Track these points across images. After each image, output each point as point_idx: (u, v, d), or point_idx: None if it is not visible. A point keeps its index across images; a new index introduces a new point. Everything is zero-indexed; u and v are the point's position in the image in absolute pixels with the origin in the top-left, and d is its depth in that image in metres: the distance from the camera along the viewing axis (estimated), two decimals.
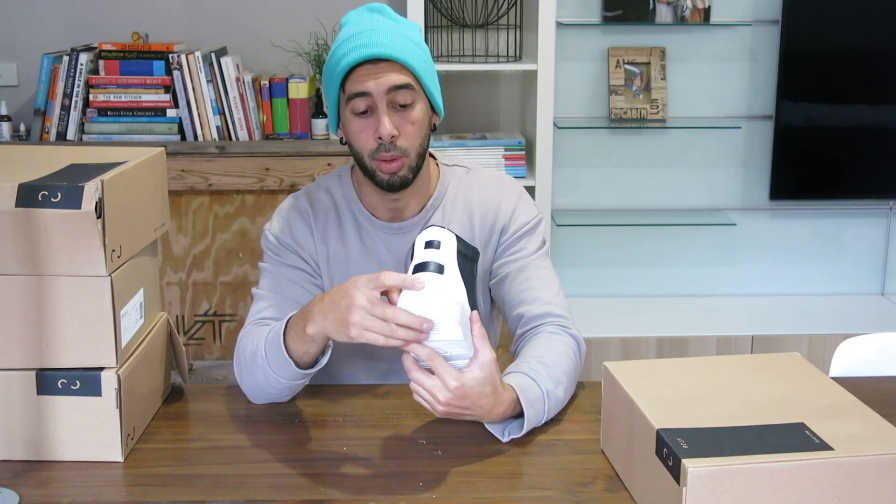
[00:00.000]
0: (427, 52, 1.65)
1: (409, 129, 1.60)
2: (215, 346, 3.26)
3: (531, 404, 1.46)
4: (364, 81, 1.57)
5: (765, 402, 1.25)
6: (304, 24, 3.32)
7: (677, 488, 1.10)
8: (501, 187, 1.75)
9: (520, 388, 1.45)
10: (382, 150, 1.59)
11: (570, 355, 1.58)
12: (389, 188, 1.63)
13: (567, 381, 1.55)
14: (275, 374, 1.50)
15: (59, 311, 1.34)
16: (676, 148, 3.45)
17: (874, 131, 3.37)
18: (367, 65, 1.57)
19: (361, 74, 1.57)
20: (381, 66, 1.57)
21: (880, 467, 1.11)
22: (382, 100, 1.57)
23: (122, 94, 3.15)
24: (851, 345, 1.88)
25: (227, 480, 1.34)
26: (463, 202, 1.73)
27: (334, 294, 1.39)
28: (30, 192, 1.29)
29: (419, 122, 1.61)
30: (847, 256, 3.55)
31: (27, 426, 1.36)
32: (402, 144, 1.60)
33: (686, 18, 3.27)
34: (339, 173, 1.77)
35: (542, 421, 1.49)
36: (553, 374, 1.52)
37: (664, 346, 3.15)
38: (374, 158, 1.61)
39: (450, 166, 1.77)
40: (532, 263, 1.70)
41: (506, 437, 1.45)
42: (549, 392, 1.49)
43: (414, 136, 1.61)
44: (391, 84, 1.57)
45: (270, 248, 1.71)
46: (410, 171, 1.63)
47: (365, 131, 1.60)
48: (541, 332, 1.62)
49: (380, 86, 1.56)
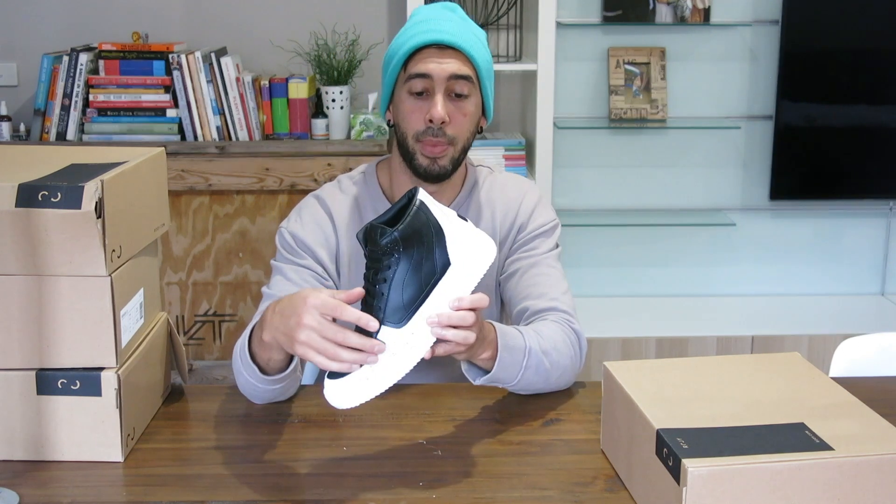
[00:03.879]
0: (490, 55, 1.68)
1: (461, 120, 1.63)
2: (215, 346, 3.26)
3: (508, 349, 1.46)
4: (427, 63, 1.60)
5: (765, 402, 1.25)
6: (304, 24, 3.32)
7: (677, 488, 1.10)
8: (523, 189, 1.78)
9: (501, 332, 1.46)
10: (430, 133, 1.61)
11: (567, 341, 1.58)
12: (426, 175, 1.64)
13: (556, 357, 1.54)
14: (249, 378, 1.49)
15: (59, 311, 1.33)
16: (676, 148, 3.45)
17: (874, 131, 3.37)
18: (432, 49, 1.60)
19: (426, 56, 1.60)
20: (447, 53, 1.60)
21: (880, 467, 1.11)
22: (442, 84, 1.60)
23: (122, 94, 3.15)
24: (851, 345, 1.89)
25: (227, 480, 1.34)
26: (486, 200, 1.75)
27: (285, 308, 1.34)
28: (30, 192, 1.28)
29: (471, 115, 1.64)
30: (847, 256, 3.55)
31: (27, 426, 1.36)
32: (451, 133, 1.62)
33: (686, 18, 3.27)
34: (363, 171, 1.77)
35: (516, 378, 1.50)
36: (542, 342, 1.52)
37: (664, 346, 3.15)
38: (418, 140, 1.62)
39: (475, 166, 1.79)
40: (543, 262, 1.71)
41: (477, 381, 1.47)
42: (532, 350, 1.50)
43: (463, 128, 1.63)
44: (453, 71, 1.60)
45: (285, 247, 1.70)
46: (451, 163, 1.64)
47: (417, 112, 1.62)
48: (543, 319, 1.62)
49: (442, 70, 1.59)
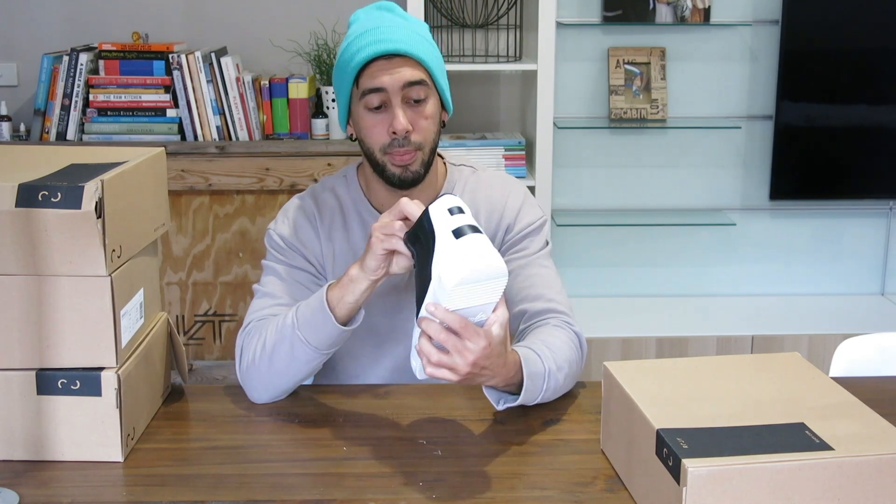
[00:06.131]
0: (437, 49, 1.67)
1: (423, 124, 1.62)
2: (215, 346, 3.26)
3: (531, 377, 1.47)
4: (379, 77, 1.58)
5: (765, 402, 1.25)
6: (304, 24, 3.32)
7: (677, 488, 1.10)
8: (507, 187, 1.77)
9: (525, 359, 1.47)
10: (396, 145, 1.60)
11: (573, 347, 1.60)
12: (401, 184, 1.63)
13: (568, 370, 1.56)
14: (304, 340, 1.51)
15: (59, 311, 1.33)
16: (676, 148, 3.45)
17: (874, 131, 3.36)
18: (381, 60, 1.58)
19: (376, 70, 1.58)
20: (395, 62, 1.58)
21: (880, 467, 1.11)
22: (397, 95, 1.58)
23: (122, 94, 3.15)
24: (851, 345, 1.88)
25: (227, 480, 1.34)
26: (469, 201, 1.74)
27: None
28: (30, 192, 1.28)
29: (432, 117, 1.63)
30: (847, 256, 3.55)
31: (27, 426, 1.36)
32: (416, 139, 1.61)
33: (686, 18, 3.27)
34: (344, 173, 1.77)
35: (537, 399, 1.51)
36: (556, 358, 1.54)
37: (664, 346, 3.15)
38: (385, 153, 1.62)
39: (457, 166, 1.78)
40: (535, 262, 1.71)
41: (500, 406, 1.47)
42: (551, 372, 1.51)
43: (427, 131, 1.63)
44: (406, 80, 1.58)
45: (274, 248, 1.71)
46: (422, 167, 1.64)
47: (378, 126, 1.61)
48: (544, 325, 1.63)
49: (395, 81, 1.58)
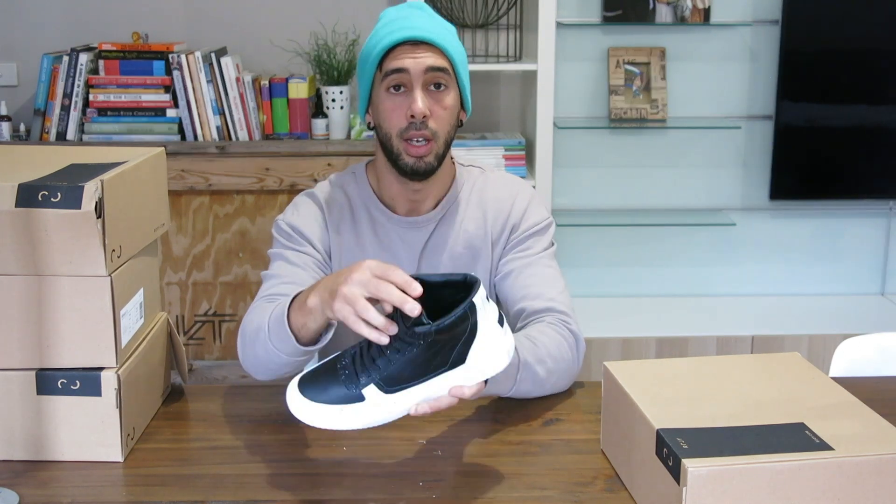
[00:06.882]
0: (463, 48, 1.68)
1: (441, 113, 1.63)
2: (215, 346, 3.26)
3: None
4: (403, 59, 1.60)
5: (765, 402, 1.25)
6: (304, 24, 3.32)
7: (677, 488, 1.10)
8: (515, 188, 1.78)
9: None
10: (413, 128, 1.61)
11: (563, 345, 1.58)
12: (413, 174, 1.64)
13: (553, 365, 1.54)
14: (275, 349, 1.48)
15: (59, 311, 1.33)
16: (676, 148, 3.45)
17: (874, 131, 3.37)
18: (406, 45, 1.60)
19: (400, 53, 1.60)
20: (421, 48, 1.60)
21: (880, 467, 1.11)
22: (419, 79, 1.60)
23: (122, 94, 3.15)
24: (851, 345, 1.88)
25: (227, 480, 1.34)
26: (477, 200, 1.76)
27: (342, 271, 1.34)
28: (30, 192, 1.28)
29: (451, 108, 1.64)
30: (847, 256, 3.55)
31: (27, 426, 1.36)
32: (433, 126, 1.62)
33: (686, 18, 3.27)
34: (353, 170, 1.78)
35: (509, 390, 1.50)
36: (538, 352, 1.52)
37: (664, 346, 3.15)
38: (402, 139, 1.62)
39: (466, 166, 1.80)
40: (538, 261, 1.71)
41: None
42: (527, 364, 1.50)
43: (444, 121, 1.64)
44: (429, 65, 1.60)
45: (282, 235, 1.71)
46: (436, 159, 1.64)
47: (397, 109, 1.62)
48: (538, 322, 1.62)
49: (418, 64, 1.59)
